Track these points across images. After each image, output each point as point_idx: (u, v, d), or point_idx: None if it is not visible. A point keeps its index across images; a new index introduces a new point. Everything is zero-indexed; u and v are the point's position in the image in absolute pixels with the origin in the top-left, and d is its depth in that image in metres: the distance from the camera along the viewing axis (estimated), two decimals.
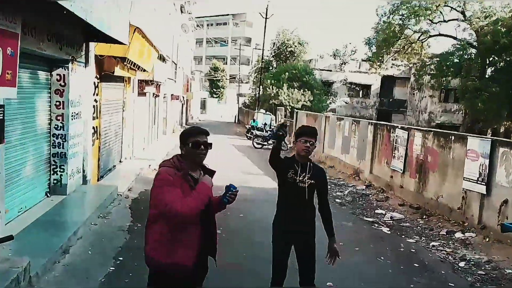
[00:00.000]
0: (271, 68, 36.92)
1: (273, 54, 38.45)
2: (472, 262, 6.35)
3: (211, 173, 3.05)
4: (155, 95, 17.75)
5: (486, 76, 22.45)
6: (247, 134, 24.70)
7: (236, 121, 46.28)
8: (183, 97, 32.41)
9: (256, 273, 5.09)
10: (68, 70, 7.13)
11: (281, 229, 3.87)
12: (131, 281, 4.73)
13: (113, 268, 5.07)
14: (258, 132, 21.88)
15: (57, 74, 7.10)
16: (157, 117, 19.01)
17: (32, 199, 6.65)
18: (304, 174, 3.78)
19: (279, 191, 3.98)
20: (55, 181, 7.41)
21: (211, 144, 2.98)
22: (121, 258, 5.36)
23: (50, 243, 5.31)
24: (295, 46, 35.97)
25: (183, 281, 2.85)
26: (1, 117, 4.81)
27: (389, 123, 12.73)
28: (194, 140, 2.89)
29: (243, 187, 10.71)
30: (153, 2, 12.50)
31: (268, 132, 22.08)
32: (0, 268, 4.15)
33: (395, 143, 10.96)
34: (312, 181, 3.79)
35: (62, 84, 7.15)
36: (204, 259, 3.00)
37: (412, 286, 5.34)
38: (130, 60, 9.24)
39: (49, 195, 7.26)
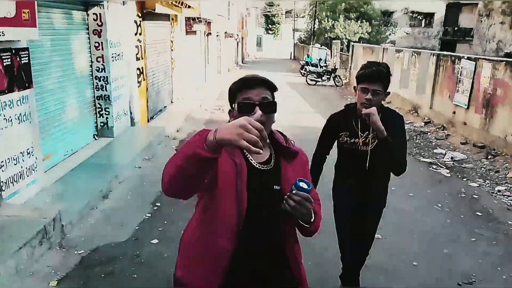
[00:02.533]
0: None
1: None
2: None
3: (292, 154, 1.80)
4: (206, 34, 17.30)
5: None
6: (301, 71, 23.85)
7: (292, 57, 45.03)
8: (238, 35, 31.67)
9: None
10: (104, 8, 6.86)
11: (342, 202, 3.06)
12: (164, 228, 4.61)
13: (149, 215, 4.97)
14: (312, 68, 20.98)
15: (93, 13, 6.86)
16: (210, 56, 18.67)
17: (78, 142, 6.73)
18: (367, 132, 2.77)
19: (338, 152, 3.03)
20: (101, 124, 7.45)
21: (274, 103, 1.69)
22: (158, 204, 5.27)
23: (90, 187, 5.27)
24: None
25: None
26: (26, 61, 4.64)
27: (454, 54, 11.47)
28: (244, 99, 1.67)
29: (294, 126, 10.43)
30: None
31: (323, 67, 21.14)
32: (29, 219, 4.04)
33: (460, 75, 9.89)
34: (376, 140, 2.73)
35: (99, 23, 6.92)
36: None
37: (473, 240, 4.70)
38: None
39: (96, 138, 7.34)
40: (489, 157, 7.96)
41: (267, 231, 1.70)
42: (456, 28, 32.41)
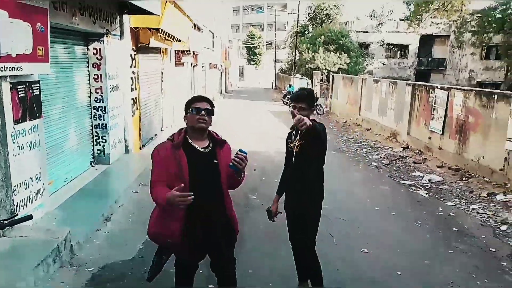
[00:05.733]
0: (307, 32, 36.21)
1: (308, 18, 37.62)
2: None
3: (222, 143, 3.01)
4: (193, 65, 17.90)
5: None
6: (284, 100, 24.61)
7: (274, 87, 46.07)
8: (222, 66, 32.51)
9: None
10: (103, 43, 7.30)
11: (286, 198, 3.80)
12: None
13: None
14: None
15: (94, 48, 7.30)
16: (196, 85, 19.23)
17: (77, 169, 7.02)
18: (297, 137, 3.54)
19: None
20: (98, 151, 7.77)
21: (212, 110, 2.96)
22: None
23: (93, 211, 5.58)
24: (331, 8, 34.98)
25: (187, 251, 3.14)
26: (38, 93, 4.99)
27: (428, 84, 12.30)
28: (194, 106, 2.90)
29: (277, 152, 10.88)
30: None
31: None
32: (42, 239, 4.35)
33: (434, 103, 10.62)
34: (301, 142, 3.48)
35: (99, 57, 7.36)
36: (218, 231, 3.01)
37: (450, 252, 5.15)
38: (164, 31, 9.34)
39: (93, 165, 7.63)
40: (463, 179, 8.53)
41: (211, 189, 2.89)
42: (430, 59, 34.00)
